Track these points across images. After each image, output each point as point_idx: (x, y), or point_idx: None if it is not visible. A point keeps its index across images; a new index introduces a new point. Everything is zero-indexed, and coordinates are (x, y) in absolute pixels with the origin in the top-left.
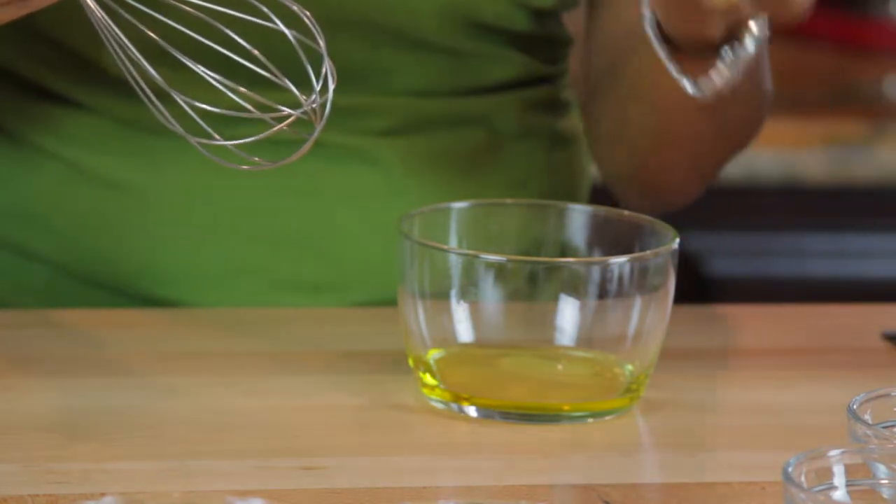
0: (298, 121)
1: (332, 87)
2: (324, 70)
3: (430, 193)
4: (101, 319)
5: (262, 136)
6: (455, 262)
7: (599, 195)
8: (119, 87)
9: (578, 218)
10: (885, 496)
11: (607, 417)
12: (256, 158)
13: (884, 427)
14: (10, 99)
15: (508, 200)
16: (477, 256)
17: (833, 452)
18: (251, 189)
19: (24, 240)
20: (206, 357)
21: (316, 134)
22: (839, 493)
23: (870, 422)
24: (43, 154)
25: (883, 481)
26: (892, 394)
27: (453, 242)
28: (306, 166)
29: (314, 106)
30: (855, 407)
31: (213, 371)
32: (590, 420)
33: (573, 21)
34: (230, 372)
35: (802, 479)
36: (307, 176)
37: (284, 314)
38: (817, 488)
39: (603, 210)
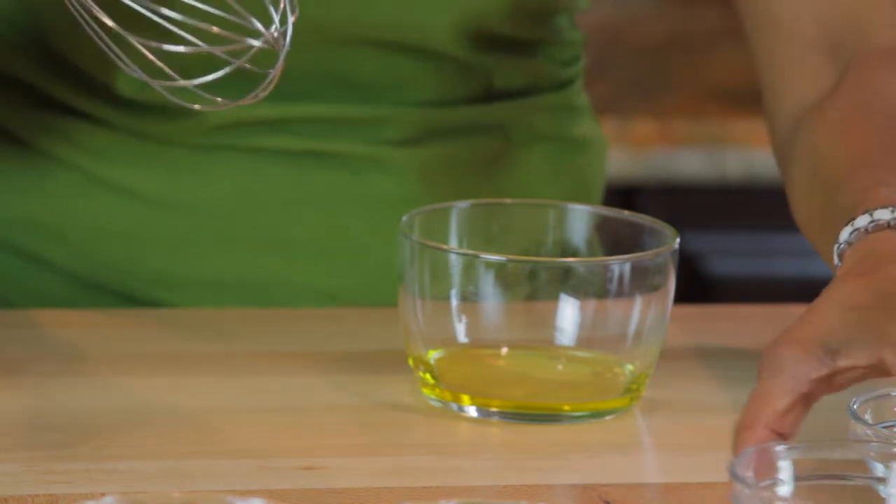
0: (262, 56)
1: (291, 18)
2: (282, 2)
3: (446, 201)
4: (102, 319)
5: (223, 72)
6: (455, 262)
7: (610, 198)
8: (132, 105)
9: (578, 218)
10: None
11: (607, 417)
12: (219, 99)
13: (884, 427)
14: (26, 109)
15: (508, 200)
16: (477, 256)
17: (778, 448)
18: (266, 199)
19: (39, 248)
20: (207, 357)
21: (279, 65)
22: (785, 489)
23: (870, 422)
24: (58, 163)
25: (830, 478)
26: (892, 394)
27: (453, 242)
28: (321, 176)
29: (274, 35)
30: (855, 407)
31: (213, 371)
32: (590, 420)
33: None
34: (230, 372)
35: (749, 474)
36: (322, 186)
37: (284, 314)
38: (764, 483)
39: (603, 210)
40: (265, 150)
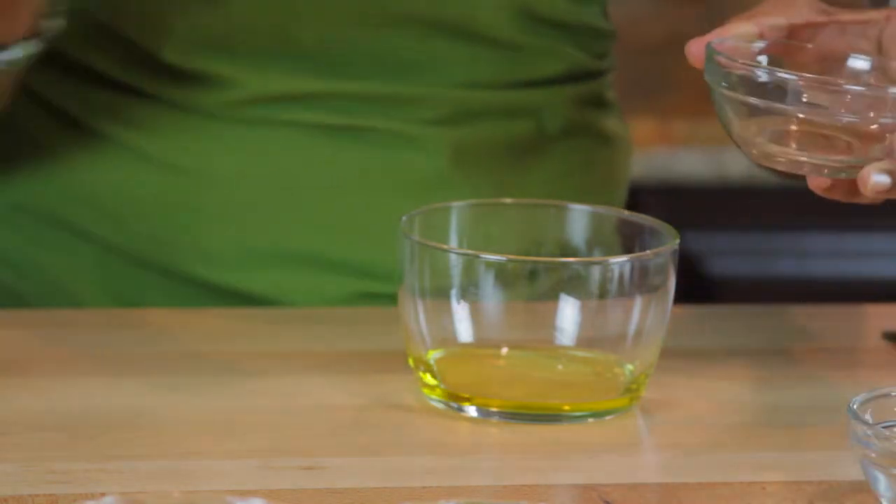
0: None
1: None
2: None
3: (477, 183)
4: (102, 319)
5: None
6: (455, 262)
7: (635, 195)
8: (175, 75)
9: (578, 218)
10: None
11: (607, 417)
12: None
13: (884, 427)
14: (75, 87)
15: (508, 200)
16: (477, 256)
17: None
18: (303, 175)
19: (82, 221)
20: (207, 357)
21: None
22: None
23: (870, 422)
24: (107, 140)
25: None
26: (892, 394)
27: (453, 242)
28: (355, 151)
29: None
30: (855, 407)
31: (213, 371)
32: (590, 420)
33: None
34: (230, 372)
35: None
36: (356, 161)
37: (284, 314)
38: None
39: (603, 210)
40: (302, 123)
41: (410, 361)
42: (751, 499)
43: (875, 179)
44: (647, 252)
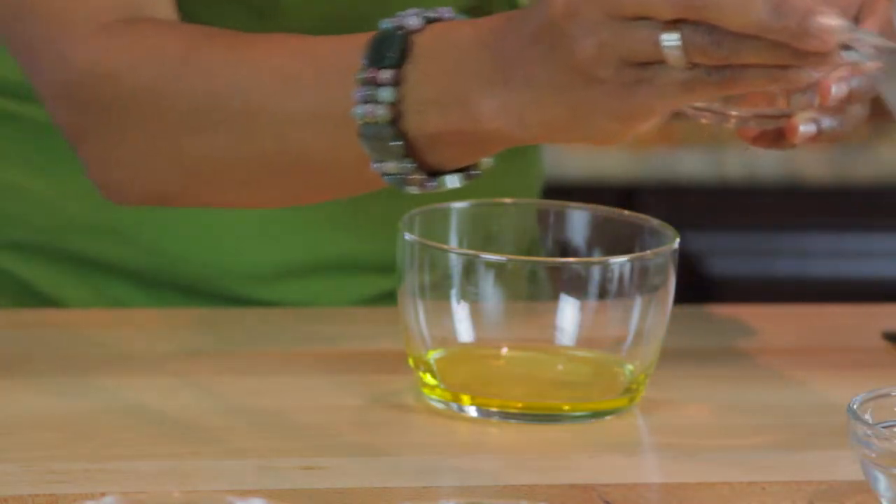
0: None
1: None
2: None
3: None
4: (101, 319)
5: None
6: (455, 262)
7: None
8: None
9: (578, 218)
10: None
11: (607, 417)
12: None
13: (884, 427)
14: None
15: (508, 200)
16: (477, 256)
17: None
18: None
19: (106, 253)
20: (207, 357)
21: None
22: None
23: (870, 422)
24: None
25: None
26: (892, 394)
27: (453, 242)
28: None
29: None
30: (855, 407)
31: (213, 371)
32: (590, 420)
33: None
34: (230, 372)
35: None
36: None
37: (285, 314)
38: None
39: (603, 210)
40: None
41: (410, 361)
42: (751, 499)
43: (803, 129)
44: (647, 252)
